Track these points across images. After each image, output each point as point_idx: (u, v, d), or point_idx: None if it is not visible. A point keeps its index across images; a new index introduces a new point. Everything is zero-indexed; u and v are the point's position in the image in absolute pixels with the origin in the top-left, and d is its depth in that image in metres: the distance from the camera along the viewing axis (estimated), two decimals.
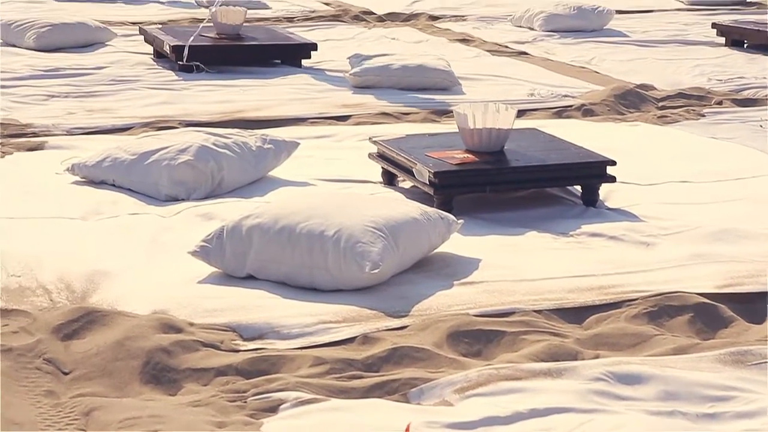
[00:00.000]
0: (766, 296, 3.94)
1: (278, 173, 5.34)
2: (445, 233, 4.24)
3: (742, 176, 5.47)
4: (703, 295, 3.90)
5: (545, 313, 3.79)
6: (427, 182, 4.77)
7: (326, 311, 3.74)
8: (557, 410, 3.03)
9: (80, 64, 8.00)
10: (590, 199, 4.96)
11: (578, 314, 3.82)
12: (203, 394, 3.19)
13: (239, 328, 3.64)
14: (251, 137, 5.32)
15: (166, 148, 5.10)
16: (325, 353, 3.44)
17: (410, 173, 4.92)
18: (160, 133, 5.59)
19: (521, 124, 5.91)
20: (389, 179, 5.23)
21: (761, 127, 6.56)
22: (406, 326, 3.67)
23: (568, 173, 4.99)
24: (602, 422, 2.99)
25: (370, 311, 3.76)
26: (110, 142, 5.69)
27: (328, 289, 3.92)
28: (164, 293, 3.87)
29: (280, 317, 3.69)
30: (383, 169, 5.24)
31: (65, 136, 6.15)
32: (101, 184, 5.14)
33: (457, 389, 3.17)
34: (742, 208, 4.95)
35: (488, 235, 4.53)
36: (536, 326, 3.66)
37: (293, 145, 5.42)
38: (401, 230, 4.02)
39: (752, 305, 3.90)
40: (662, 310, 3.80)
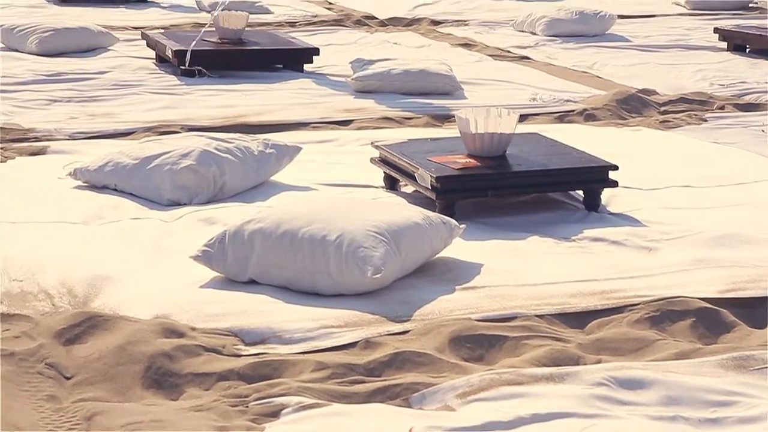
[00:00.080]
0: (767, 301, 3.95)
1: (280, 178, 5.35)
2: (447, 238, 4.24)
3: (744, 181, 5.47)
4: (705, 299, 3.90)
5: (547, 317, 3.79)
6: (429, 187, 4.77)
7: (328, 316, 3.74)
8: (559, 415, 3.03)
9: (82, 68, 8.01)
10: (592, 203, 4.96)
11: (580, 319, 3.82)
12: (205, 398, 3.19)
13: (241, 332, 3.64)
14: (253, 142, 5.33)
15: (168, 152, 5.11)
16: (327, 358, 3.44)
17: (412, 178, 4.92)
18: (162, 137, 5.59)
19: (523, 128, 5.91)
20: (391, 184, 5.23)
21: (763, 131, 6.56)
22: (408, 331, 3.67)
23: (570, 178, 4.99)
24: (604, 427, 2.98)
25: (372, 316, 3.76)
26: (112, 146, 5.69)
27: (330, 293, 3.92)
28: (166, 298, 3.87)
29: (282, 322, 3.69)
30: (385, 173, 5.24)
31: (67, 140, 6.15)
32: (103, 188, 5.15)
33: (459, 394, 3.17)
34: (744, 213, 4.95)
35: (490, 239, 4.53)
36: (538, 331, 3.66)
37: (295, 149, 5.43)
38: (403, 235, 4.02)
39: (754, 310, 3.90)
40: (664, 314, 3.80)
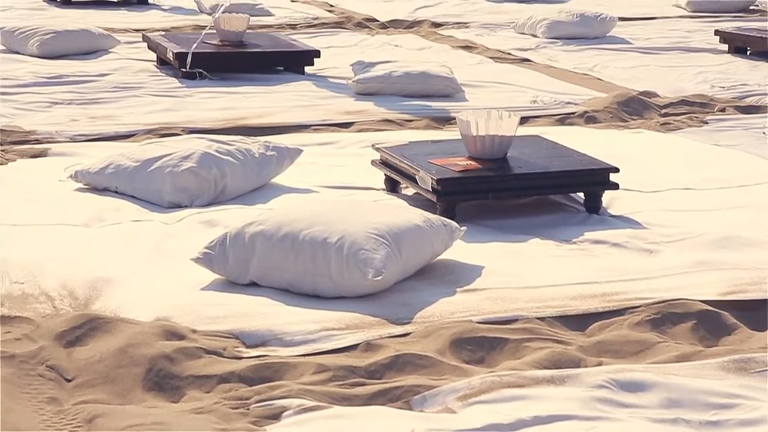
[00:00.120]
0: None
1: (281, 180, 5.35)
2: (447, 240, 4.23)
3: (745, 183, 5.47)
4: (706, 302, 3.90)
5: (548, 320, 3.79)
6: (430, 189, 4.77)
7: (329, 318, 3.74)
8: (560, 417, 3.03)
9: (83, 71, 8.01)
10: (593, 206, 4.96)
11: (581, 321, 3.82)
12: (206, 401, 3.19)
13: (242, 335, 3.63)
14: (254, 144, 5.33)
15: (169, 155, 5.11)
16: (327, 360, 3.43)
17: (413, 180, 4.92)
18: (163, 140, 5.59)
19: (524, 131, 5.91)
20: (392, 186, 5.23)
21: (764, 134, 6.56)
22: (408, 333, 3.67)
23: (571, 180, 4.99)
24: (605, 430, 2.99)
25: (372, 318, 3.76)
26: (113, 149, 5.69)
27: (331, 296, 3.92)
28: (167, 300, 3.87)
29: (283, 324, 3.69)
30: (386, 176, 5.24)
31: (68, 143, 6.16)
32: (104, 191, 5.15)
33: (459, 396, 3.17)
34: (745, 215, 4.95)
35: (491, 242, 4.53)
36: (539, 333, 3.66)
37: (296, 152, 5.43)
38: (404, 237, 4.02)
39: (755, 312, 3.89)
40: (665, 317, 3.80)
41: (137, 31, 10.02)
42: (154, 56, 8.49)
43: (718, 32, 9.77)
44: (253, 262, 4.01)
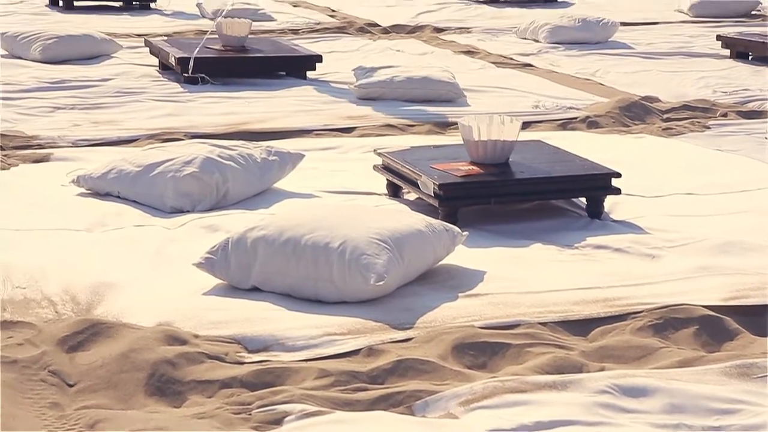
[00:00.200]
0: None
1: (283, 185, 5.35)
2: (449, 245, 4.23)
3: (747, 188, 5.47)
4: (708, 307, 3.90)
5: (550, 325, 3.79)
6: (432, 194, 4.77)
7: (331, 323, 3.74)
8: (562, 423, 3.03)
9: (86, 76, 8.02)
10: (595, 211, 4.96)
11: (583, 326, 3.82)
12: (208, 406, 3.19)
13: (244, 340, 3.63)
14: (256, 149, 5.33)
15: (171, 160, 5.11)
16: (329, 365, 3.43)
17: (415, 185, 4.93)
18: (165, 145, 5.60)
19: (526, 136, 5.91)
20: (394, 191, 5.23)
21: (766, 139, 6.56)
22: (410, 338, 3.67)
23: (573, 185, 4.99)
24: None
25: (374, 323, 3.76)
26: (115, 154, 5.70)
27: (332, 301, 3.92)
28: (169, 305, 3.87)
29: (284, 329, 3.69)
30: (388, 181, 5.24)
31: (71, 147, 6.16)
32: (106, 195, 5.15)
33: (462, 402, 3.17)
34: (747, 220, 4.95)
35: (493, 247, 4.53)
36: (541, 338, 3.66)
37: (298, 156, 5.43)
38: (406, 242, 4.02)
39: (758, 318, 3.89)
40: (667, 322, 3.79)
41: (139, 36, 10.03)
42: (156, 61, 8.49)
43: (720, 37, 9.77)
44: (255, 267, 4.01)
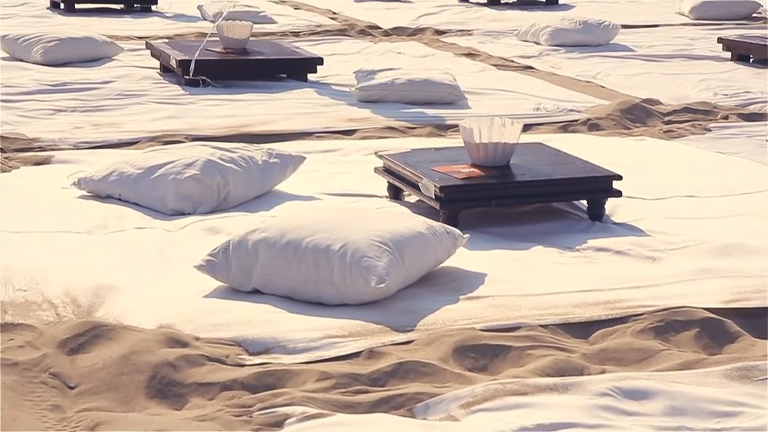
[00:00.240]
0: None
1: (284, 187, 5.35)
2: (450, 248, 4.23)
3: (748, 191, 5.47)
4: (709, 310, 3.90)
5: (551, 327, 3.79)
6: (433, 196, 4.78)
7: (332, 326, 3.74)
8: (563, 425, 3.03)
9: (87, 78, 8.02)
10: (596, 213, 4.96)
11: (584, 329, 3.82)
12: (209, 408, 3.19)
13: (245, 342, 3.63)
14: (257, 151, 5.33)
15: (172, 162, 5.11)
16: (330, 368, 3.43)
17: (416, 187, 4.93)
18: (166, 147, 5.60)
19: (527, 138, 5.91)
20: (395, 193, 5.23)
21: (767, 141, 6.56)
22: (411, 341, 3.67)
23: (574, 188, 4.99)
24: None
25: (375, 326, 3.76)
26: (116, 156, 5.70)
27: (333, 303, 3.92)
28: (170, 307, 3.87)
29: (285, 332, 3.69)
30: (389, 183, 5.24)
31: (72, 150, 6.16)
32: (107, 198, 5.15)
33: (462, 404, 3.17)
34: (748, 222, 4.95)
35: (494, 249, 4.53)
36: (542, 341, 3.66)
37: (299, 159, 5.43)
38: (407, 245, 4.02)
39: (758, 320, 3.89)
40: (668, 325, 3.79)
41: (140, 38, 10.03)
42: (157, 63, 8.50)
43: (721, 40, 9.77)
44: (256, 269, 4.01)
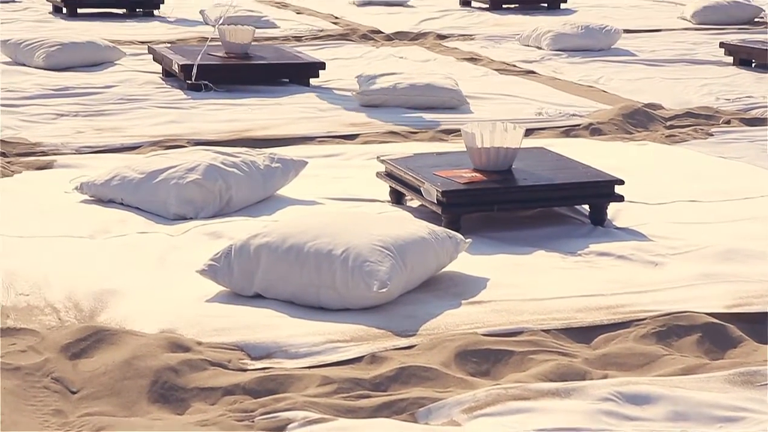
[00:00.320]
0: None
1: (286, 192, 5.35)
2: (452, 252, 4.23)
3: (750, 195, 5.47)
4: (711, 315, 3.89)
5: (553, 332, 3.79)
6: (435, 201, 4.78)
7: (334, 330, 3.74)
8: (565, 430, 3.03)
9: (89, 83, 8.03)
10: (598, 218, 4.96)
11: (586, 334, 3.82)
12: (211, 413, 3.19)
13: (247, 347, 3.63)
14: (259, 156, 5.33)
15: (174, 167, 5.12)
16: (332, 372, 3.43)
17: (418, 192, 4.93)
18: (168, 152, 5.60)
19: (529, 143, 5.91)
20: (397, 198, 5.23)
21: None
22: (413, 345, 3.67)
23: (576, 192, 4.99)
24: None
25: (377, 330, 3.76)
26: (119, 161, 5.70)
27: (335, 308, 3.92)
28: (172, 312, 3.87)
29: (287, 336, 3.69)
30: (391, 188, 5.24)
31: (74, 155, 6.16)
32: (109, 202, 5.15)
33: (465, 409, 3.17)
34: (750, 227, 4.94)
35: (496, 254, 4.53)
36: (544, 346, 3.66)
37: (301, 163, 5.43)
38: (409, 249, 4.02)
39: (761, 325, 3.89)
40: (671, 329, 3.79)
41: (143, 43, 10.04)
42: (159, 68, 8.50)
43: (723, 44, 9.76)
44: (257, 274, 4.01)
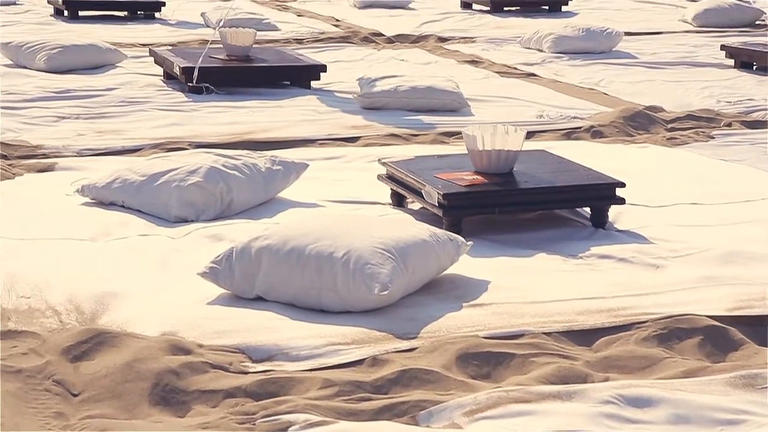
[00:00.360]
0: None
1: (287, 194, 5.35)
2: (454, 255, 4.23)
3: (751, 198, 5.47)
4: (712, 317, 3.89)
5: (554, 335, 3.79)
6: (436, 204, 4.78)
7: (335, 333, 3.74)
8: None
9: (90, 85, 8.03)
10: (599, 221, 4.96)
11: (588, 336, 3.82)
12: (212, 416, 3.19)
13: (248, 349, 3.63)
14: (260, 158, 5.33)
15: (175, 169, 5.12)
16: (334, 375, 3.43)
17: (419, 195, 4.93)
18: (169, 154, 5.61)
19: (530, 145, 5.91)
20: (398, 201, 5.23)
21: None
22: (415, 348, 3.67)
23: (577, 195, 4.99)
24: None
25: (379, 333, 3.76)
26: (120, 163, 5.70)
27: (337, 310, 3.92)
28: (173, 315, 3.87)
29: (288, 339, 3.69)
30: (392, 190, 5.24)
31: (75, 157, 6.17)
32: (111, 205, 5.15)
33: (466, 412, 3.17)
34: (751, 230, 4.94)
35: (497, 256, 4.53)
36: (546, 348, 3.65)
37: (302, 166, 5.43)
38: (410, 252, 4.02)
39: (762, 328, 3.89)
40: (672, 332, 3.79)
41: (144, 45, 10.04)
42: (160, 71, 8.50)
43: (724, 47, 9.76)
44: (259, 276, 4.01)
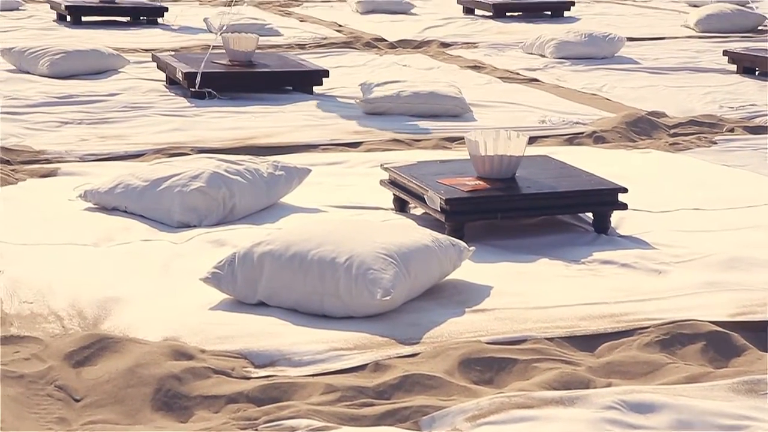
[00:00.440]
0: None
1: (290, 200, 5.35)
2: (456, 260, 4.23)
3: (754, 204, 5.46)
4: (715, 323, 3.89)
5: (557, 340, 3.78)
6: (438, 209, 4.78)
7: (337, 338, 3.74)
8: None
9: (93, 90, 8.04)
10: (602, 226, 4.96)
11: (590, 342, 3.81)
12: (214, 421, 3.19)
13: (250, 355, 3.63)
14: (263, 164, 5.34)
15: (178, 174, 5.12)
16: (336, 380, 3.43)
17: (422, 200, 4.93)
18: (172, 159, 5.60)
19: (532, 151, 5.91)
20: (401, 206, 5.23)
21: None
22: (417, 353, 3.67)
23: (579, 200, 4.99)
24: None
25: (381, 338, 3.76)
26: (122, 168, 5.71)
27: (339, 316, 3.92)
28: (176, 320, 3.87)
29: (291, 344, 3.69)
30: (394, 195, 5.24)
31: (78, 162, 6.17)
32: (113, 210, 5.16)
33: (468, 417, 3.16)
34: (754, 235, 4.94)
35: (500, 262, 4.52)
36: (548, 354, 3.65)
37: (305, 171, 5.43)
38: (413, 257, 4.02)
39: (765, 334, 3.88)
40: (674, 338, 3.79)
41: (147, 50, 10.05)
42: (163, 76, 8.51)
43: (726, 53, 9.76)
44: (261, 281, 4.01)
